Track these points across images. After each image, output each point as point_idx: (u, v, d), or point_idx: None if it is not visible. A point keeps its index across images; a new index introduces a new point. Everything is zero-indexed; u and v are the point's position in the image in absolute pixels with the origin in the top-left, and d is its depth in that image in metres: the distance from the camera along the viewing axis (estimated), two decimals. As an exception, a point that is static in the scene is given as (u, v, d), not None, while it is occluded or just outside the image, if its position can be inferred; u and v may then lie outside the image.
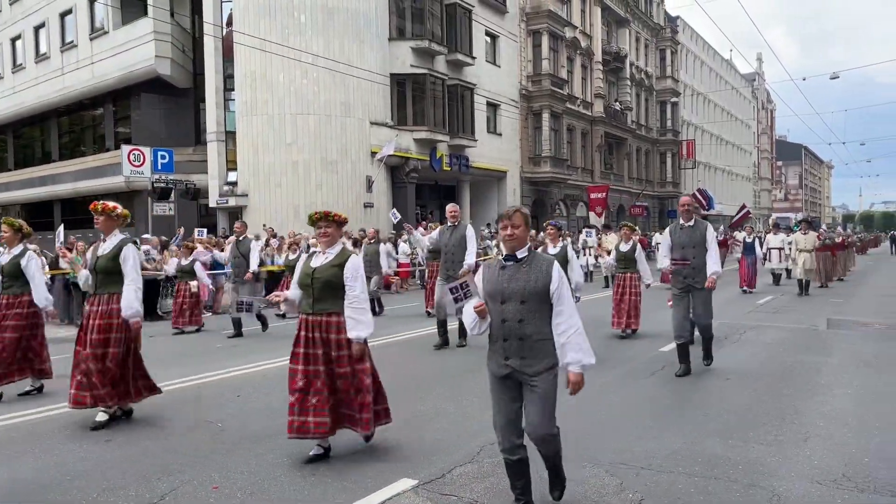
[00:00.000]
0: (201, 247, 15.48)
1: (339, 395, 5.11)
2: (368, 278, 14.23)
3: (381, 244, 15.24)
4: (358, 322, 5.04)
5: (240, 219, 11.45)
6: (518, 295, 3.80)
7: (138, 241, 16.29)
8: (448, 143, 29.08)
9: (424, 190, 31.24)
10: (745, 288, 18.61)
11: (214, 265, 15.97)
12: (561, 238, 9.26)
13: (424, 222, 23.55)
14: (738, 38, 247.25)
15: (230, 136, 25.99)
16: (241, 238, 12.30)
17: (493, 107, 33.26)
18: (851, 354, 9.36)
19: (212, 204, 26.14)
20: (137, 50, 27.46)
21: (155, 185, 20.95)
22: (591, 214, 36.89)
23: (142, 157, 20.90)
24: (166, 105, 29.00)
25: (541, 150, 35.64)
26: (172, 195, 22.17)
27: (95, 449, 5.48)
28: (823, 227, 34.21)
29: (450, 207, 10.02)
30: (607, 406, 6.64)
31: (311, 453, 5.09)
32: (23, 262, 7.29)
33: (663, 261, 8.30)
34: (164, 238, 17.94)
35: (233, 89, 25.77)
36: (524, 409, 3.92)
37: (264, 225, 20.14)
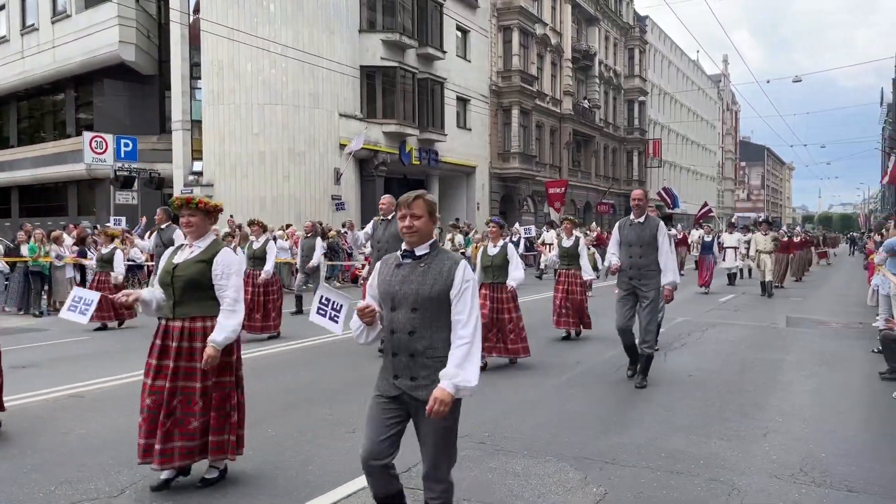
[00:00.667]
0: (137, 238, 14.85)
1: (200, 415, 4.31)
2: (305, 273, 13.94)
3: (318, 238, 14.40)
4: (221, 326, 4.27)
5: (162, 206, 10.17)
6: (409, 301, 3.13)
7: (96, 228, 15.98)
8: (417, 137, 29.02)
9: (393, 184, 31.12)
10: (702, 288, 18.26)
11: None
12: (502, 237, 8.40)
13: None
14: (704, 40, 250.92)
15: (196, 124, 25.59)
16: (163, 227, 10.89)
17: (462, 102, 33.26)
18: (810, 352, 9.58)
19: (176, 193, 25.71)
20: (101, 35, 26.86)
21: (118, 173, 20.56)
22: (551, 210, 35.76)
23: (104, 144, 20.51)
24: (130, 92, 28.43)
25: (510, 146, 35.76)
26: (136, 184, 21.78)
27: (52, 441, 5.37)
28: (784, 227, 34.60)
29: (383, 199, 8.98)
30: (570, 402, 6.69)
31: (161, 477, 4.37)
32: None
33: (610, 258, 7.55)
34: (126, 227, 17.62)
35: (199, 77, 25.36)
36: (420, 444, 3.32)
37: (230, 216, 19.87)
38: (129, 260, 15.04)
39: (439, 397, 2.95)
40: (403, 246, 3.25)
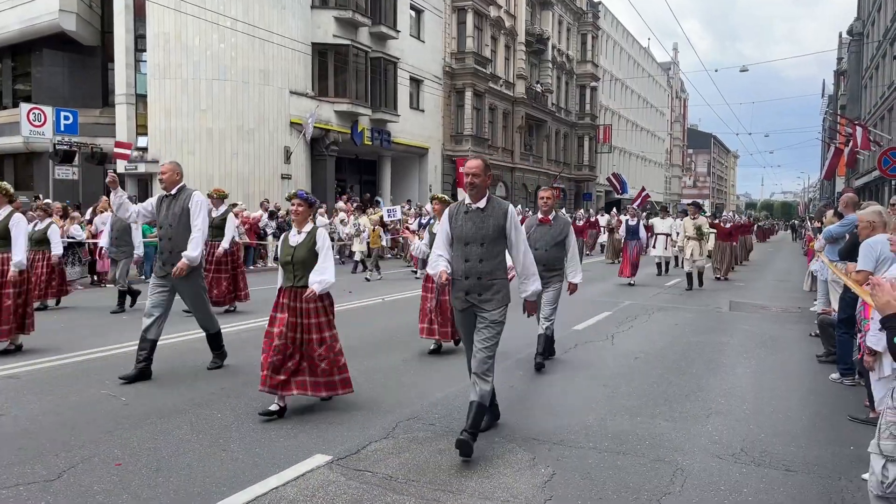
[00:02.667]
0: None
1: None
2: (115, 262, 11.64)
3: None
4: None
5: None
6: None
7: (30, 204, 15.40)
8: (370, 117, 28.76)
9: (344, 163, 30.82)
10: (626, 279, 16.49)
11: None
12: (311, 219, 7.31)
13: (345, 196, 23.22)
14: (656, 27, 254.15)
15: (140, 99, 24.84)
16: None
17: (416, 82, 33.04)
18: (751, 335, 9.84)
19: (120, 170, 24.94)
20: (40, 2, 25.81)
21: (57, 147, 19.79)
22: (460, 191, 30.56)
23: (43, 116, 19.72)
24: (71, 63, 27.39)
25: (463, 128, 35.72)
26: (77, 159, 21.02)
27: (-14, 424, 5.16)
28: (727, 213, 34.81)
29: (164, 167, 7.10)
30: (518, 385, 6.74)
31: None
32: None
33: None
34: (66, 203, 17.03)
35: (144, 50, 24.59)
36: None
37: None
38: (68, 237, 14.57)
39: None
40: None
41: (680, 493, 4.14)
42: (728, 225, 19.45)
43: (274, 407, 5.41)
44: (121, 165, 24.77)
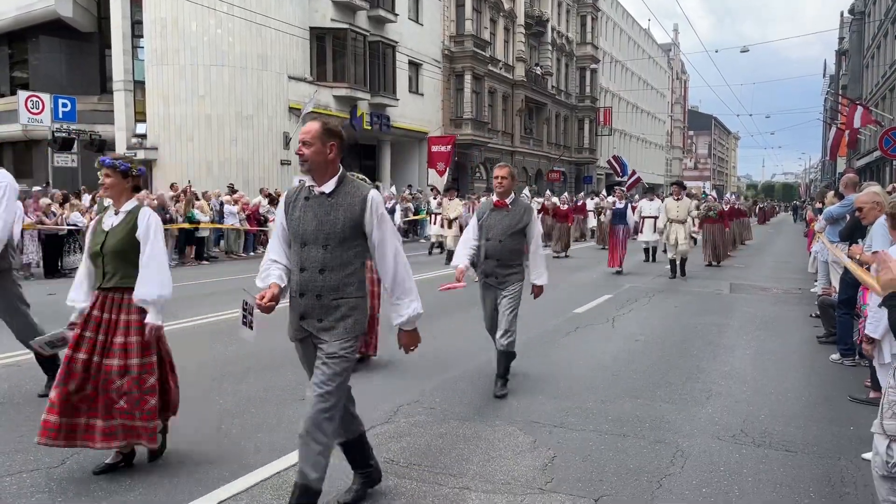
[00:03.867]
0: None
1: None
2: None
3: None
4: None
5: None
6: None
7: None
8: (369, 102, 28.63)
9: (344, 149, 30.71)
10: (615, 267, 15.27)
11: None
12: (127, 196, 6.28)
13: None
14: (656, 8, 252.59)
15: (139, 85, 24.75)
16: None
17: (415, 66, 32.87)
18: (751, 317, 9.85)
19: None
20: (36, -11, 25.65)
21: (55, 134, 19.74)
22: (431, 173, 28.27)
23: (40, 104, 19.67)
24: (68, 50, 27.27)
25: (462, 111, 35.57)
26: (75, 146, 20.98)
27: (-11, 412, 5.19)
28: (728, 195, 34.17)
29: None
30: (519, 368, 6.75)
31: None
32: None
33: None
34: (65, 191, 17.01)
35: (141, 36, 24.48)
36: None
37: (172, 185, 19.31)
38: (69, 224, 14.56)
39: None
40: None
41: (680, 474, 4.16)
42: (726, 207, 19.06)
43: (110, 460, 4.10)
44: (119, 152, 24.73)
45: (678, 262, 14.47)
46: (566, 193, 25.37)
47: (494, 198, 5.94)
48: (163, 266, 4.06)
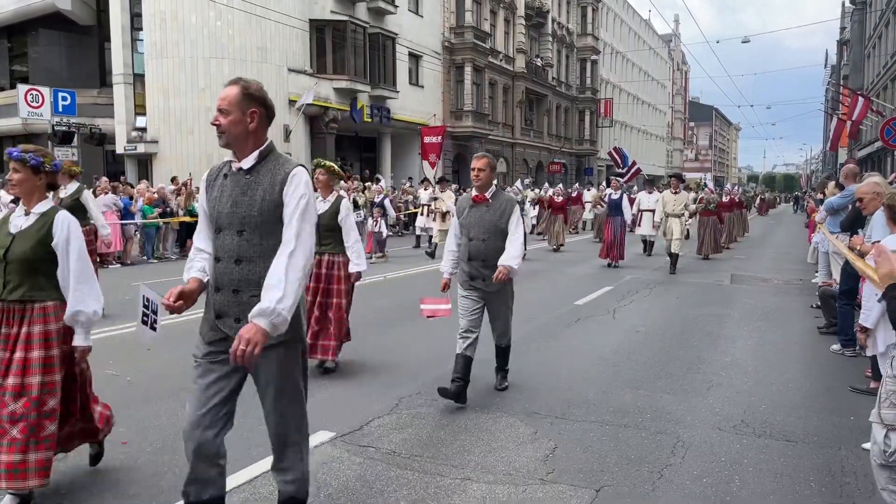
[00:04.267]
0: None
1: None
2: None
3: None
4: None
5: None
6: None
7: None
8: (369, 94, 28.57)
9: (344, 141, 30.69)
10: (609, 261, 14.61)
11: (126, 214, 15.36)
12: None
13: (346, 174, 23.16)
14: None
15: (138, 78, 24.70)
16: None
17: (415, 58, 32.79)
18: (752, 308, 9.86)
19: (119, 150, 24.91)
20: (35, -18, 25.59)
21: (56, 128, 19.72)
22: (425, 164, 26.85)
23: (40, 97, 19.63)
24: (68, 43, 27.21)
25: (463, 103, 35.50)
26: (76, 140, 20.95)
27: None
28: (728, 185, 33.54)
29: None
30: (520, 360, 6.77)
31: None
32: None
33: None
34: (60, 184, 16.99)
35: (140, 29, 24.41)
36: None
37: (173, 179, 19.28)
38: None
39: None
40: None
41: (681, 465, 4.18)
42: (726, 199, 18.71)
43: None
44: (119, 146, 24.72)
45: (673, 256, 13.94)
46: (560, 185, 24.28)
47: (473, 192, 5.37)
48: (94, 278, 3.61)
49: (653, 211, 15.85)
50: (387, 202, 19.44)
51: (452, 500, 3.68)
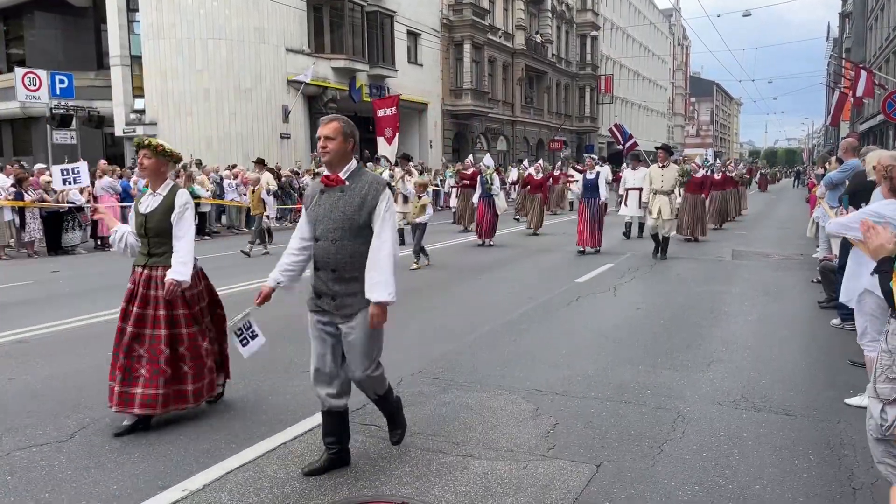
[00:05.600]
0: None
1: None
2: None
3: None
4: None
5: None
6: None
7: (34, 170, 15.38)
8: (367, 73, 28.43)
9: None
10: (581, 247, 13.04)
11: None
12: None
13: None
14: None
15: (136, 60, 24.56)
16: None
17: (413, 36, 32.55)
18: (753, 284, 9.88)
19: (118, 133, 24.84)
20: (29, -37, 25.37)
21: (53, 111, 19.65)
22: (380, 141, 22.91)
23: (37, 80, 19.52)
24: (64, 25, 27.04)
25: (462, 81, 35.31)
26: (74, 122, 20.88)
27: (-3, 388, 5.25)
28: (718, 161, 30.86)
29: None
30: (522, 338, 6.80)
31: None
32: None
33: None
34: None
35: (136, 10, 24.23)
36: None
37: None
38: (68, 202, 14.57)
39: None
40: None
41: (681, 439, 4.22)
42: (699, 174, 16.13)
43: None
44: (118, 128, 24.65)
45: (662, 239, 12.40)
46: (541, 160, 22.46)
47: (324, 170, 3.79)
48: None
49: (639, 189, 14.13)
50: None
51: (455, 476, 3.72)
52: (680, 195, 13.98)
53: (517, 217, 20.00)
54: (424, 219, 11.63)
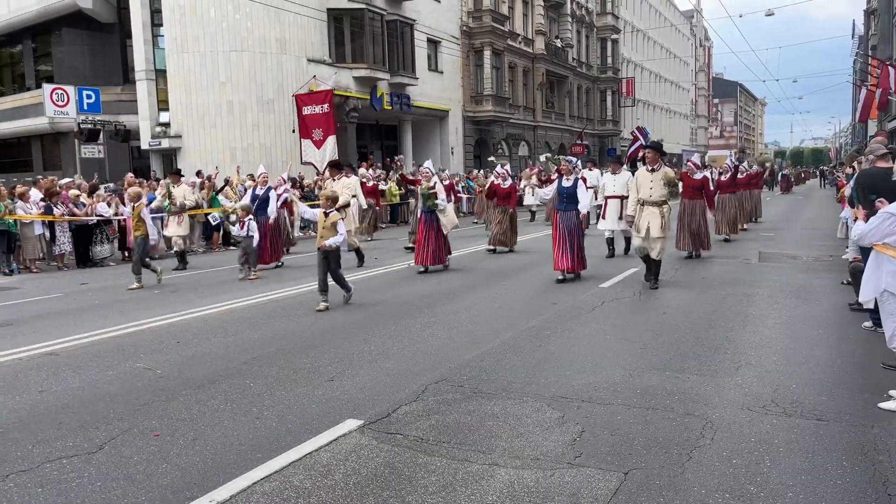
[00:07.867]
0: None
1: None
2: None
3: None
4: None
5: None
6: None
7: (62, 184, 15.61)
8: (388, 82, 28.54)
9: (365, 130, 30.72)
10: (562, 272, 10.43)
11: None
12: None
13: (365, 164, 23.20)
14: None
15: (160, 74, 24.93)
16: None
17: (433, 44, 32.64)
18: (781, 286, 9.73)
19: (144, 146, 25.20)
20: (55, -18, 25.88)
21: (81, 126, 20.01)
22: (305, 144, 21.14)
23: (65, 96, 19.92)
24: (90, 41, 27.54)
25: (482, 88, 35.33)
26: (101, 137, 21.24)
27: (28, 400, 5.32)
28: (729, 160, 23.55)
29: None
30: (546, 344, 6.75)
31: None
32: None
33: None
34: (93, 182, 17.25)
35: (161, 25, 24.60)
36: None
37: (198, 172, 19.44)
38: (97, 214, 14.77)
39: None
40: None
41: (710, 446, 4.15)
42: (698, 176, 12.87)
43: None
44: (144, 142, 25.00)
45: (649, 261, 9.76)
46: (507, 166, 18.33)
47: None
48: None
49: (620, 198, 12.25)
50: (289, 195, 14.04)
51: (481, 485, 3.69)
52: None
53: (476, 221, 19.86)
54: (337, 240, 8.54)
